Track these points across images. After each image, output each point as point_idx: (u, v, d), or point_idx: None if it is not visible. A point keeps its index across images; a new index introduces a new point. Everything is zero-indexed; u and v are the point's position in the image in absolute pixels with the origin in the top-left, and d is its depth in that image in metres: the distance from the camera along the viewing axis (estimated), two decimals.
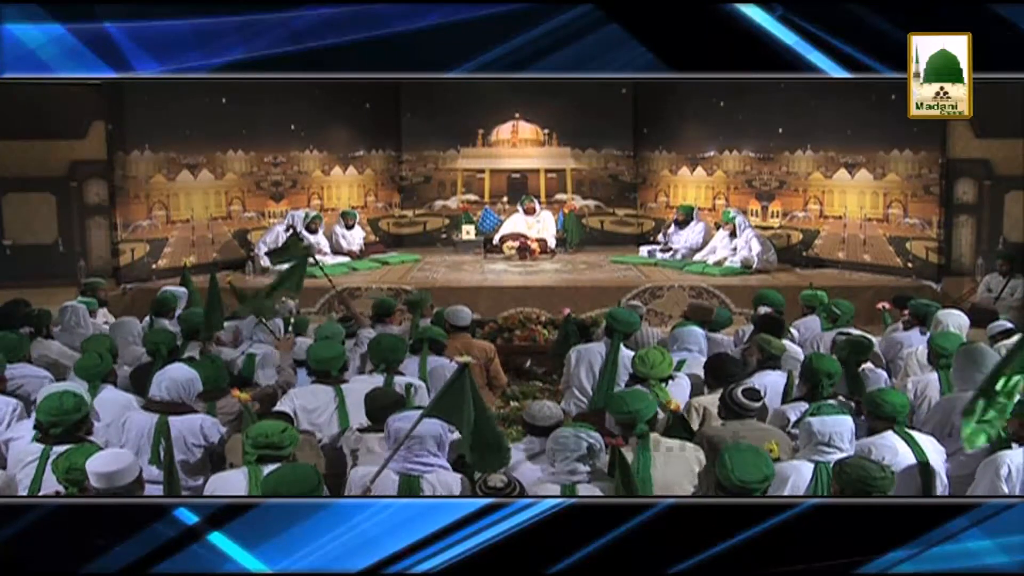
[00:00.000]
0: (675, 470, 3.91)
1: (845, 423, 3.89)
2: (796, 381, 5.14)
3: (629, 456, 3.94)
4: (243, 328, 6.62)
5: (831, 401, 4.43)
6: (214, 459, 4.49)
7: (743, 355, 5.68)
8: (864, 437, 4.18)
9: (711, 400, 4.70)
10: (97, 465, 3.51)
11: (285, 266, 7.33)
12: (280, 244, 10.25)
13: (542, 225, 11.52)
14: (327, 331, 5.92)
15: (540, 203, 11.95)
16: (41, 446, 4.10)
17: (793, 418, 4.51)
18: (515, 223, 11.57)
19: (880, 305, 7.15)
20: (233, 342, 6.40)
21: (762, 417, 4.55)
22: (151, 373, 4.80)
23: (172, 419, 4.39)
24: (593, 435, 3.82)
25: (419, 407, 4.26)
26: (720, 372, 4.90)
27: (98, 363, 4.90)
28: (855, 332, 5.96)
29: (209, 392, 4.72)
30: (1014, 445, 3.96)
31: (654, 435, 4.09)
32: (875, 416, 4.20)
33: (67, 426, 4.10)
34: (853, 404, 4.55)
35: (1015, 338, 5.66)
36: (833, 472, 3.55)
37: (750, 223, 10.61)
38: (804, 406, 4.55)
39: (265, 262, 10.15)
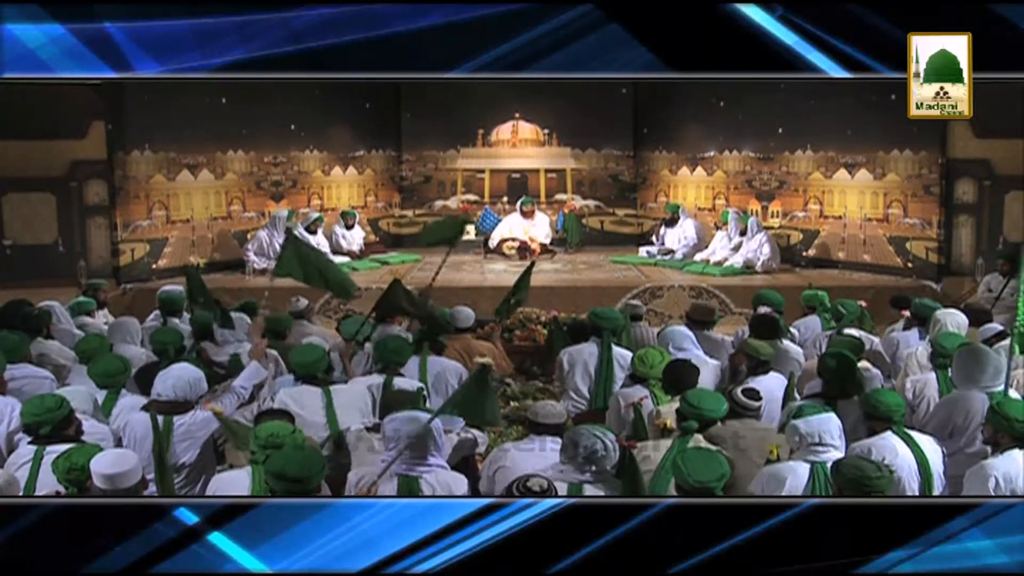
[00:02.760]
0: None
1: (830, 420, 3.89)
2: (797, 382, 5.14)
3: (660, 452, 4.02)
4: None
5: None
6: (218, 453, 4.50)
7: (731, 361, 5.68)
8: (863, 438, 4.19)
9: (667, 410, 4.69)
10: (103, 466, 3.50)
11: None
12: (268, 249, 10.28)
13: (538, 228, 11.51)
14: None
15: (539, 204, 11.94)
16: (34, 448, 4.08)
17: None
18: (511, 225, 11.56)
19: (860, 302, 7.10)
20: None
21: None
22: (156, 373, 4.78)
23: (176, 418, 4.39)
24: (609, 436, 3.84)
25: (428, 409, 4.27)
26: (676, 381, 4.79)
27: (123, 370, 4.84)
28: (854, 332, 5.96)
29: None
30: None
31: (697, 436, 4.11)
32: (872, 417, 4.20)
33: (53, 425, 4.07)
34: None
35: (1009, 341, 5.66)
36: (831, 472, 3.56)
37: (763, 227, 10.60)
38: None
39: (258, 265, 10.18)
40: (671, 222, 11.26)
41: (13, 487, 3.95)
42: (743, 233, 10.41)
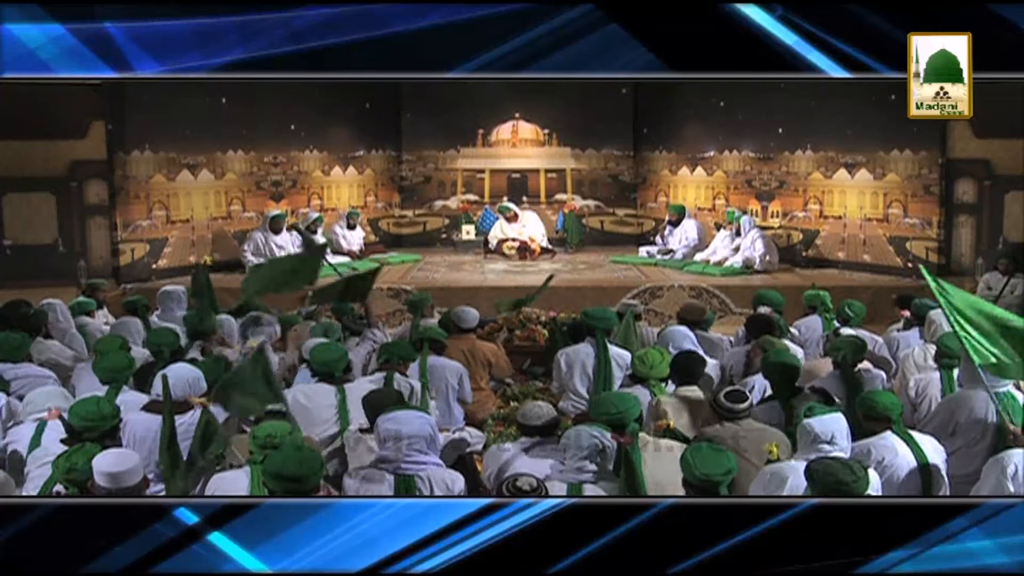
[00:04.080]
0: (665, 468, 3.93)
1: (840, 420, 3.89)
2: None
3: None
4: (234, 327, 6.62)
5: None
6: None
7: (747, 356, 5.68)
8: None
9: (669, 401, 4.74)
10: (105, 465, 3.51)
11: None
12: (264, 249, 10.27)
13: (529, 228, 11.49)
14: (323, 330, 5.95)
15: (539, 205, 11.92)
16: (63, 448, 4.05)
17: (766, 419, 4.53)
18: (501, 230, 11.54)
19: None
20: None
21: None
22: (154, 373, 4.79)
23: (176, 418, 4.38)
24: (605, 434, 3.84)
25: (418, 407, 4.27)
26: (685, 371, 4.94)
27: (127, 366, 4.84)
28: (851, 332, 5.96)
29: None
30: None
31: (643, 434, 4.12)
32: (869, 418, 4.20)
33: (102, 432, 4.09)
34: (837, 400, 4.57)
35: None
36: (805, 476, 3.50)
37: (756, 224, 10.60)
38: (776, 405, 4.62)
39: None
40: (676, 222, 11.25)
41: (9, 487, 3.95)
42: (738, 232, 10.43)
